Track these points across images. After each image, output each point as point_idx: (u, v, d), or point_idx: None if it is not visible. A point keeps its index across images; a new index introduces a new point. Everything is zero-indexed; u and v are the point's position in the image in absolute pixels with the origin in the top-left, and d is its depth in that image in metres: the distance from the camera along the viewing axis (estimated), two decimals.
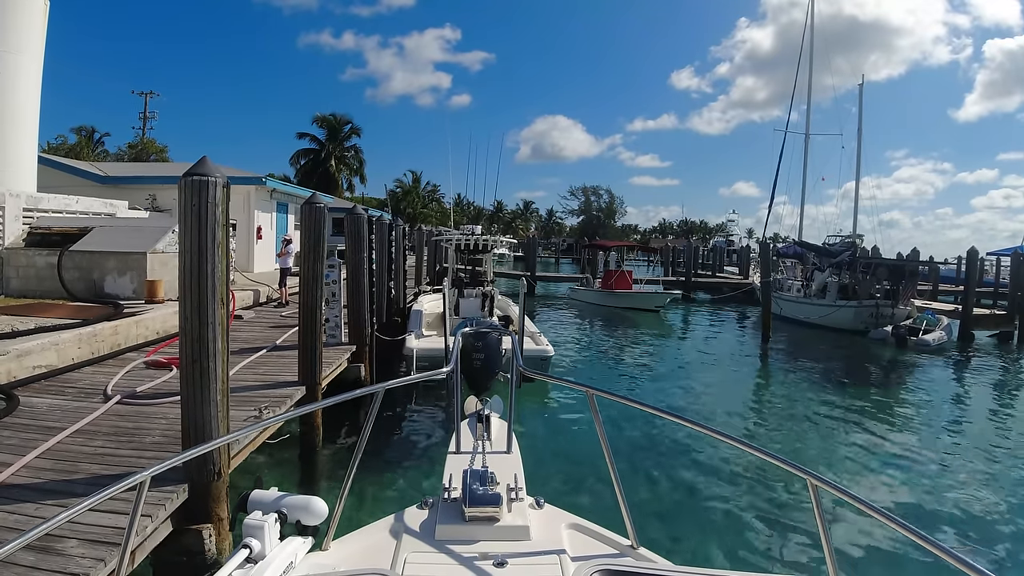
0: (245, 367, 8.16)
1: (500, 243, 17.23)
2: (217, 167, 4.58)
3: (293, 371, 7.72)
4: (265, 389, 7.18)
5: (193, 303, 4.45)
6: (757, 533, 6.44)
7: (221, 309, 4.55)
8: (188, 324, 4.50)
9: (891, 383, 14.99)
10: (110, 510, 3.89)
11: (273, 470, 7.12)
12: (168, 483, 4.31)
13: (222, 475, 4.66)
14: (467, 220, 47.61)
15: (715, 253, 50.53)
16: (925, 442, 9.73)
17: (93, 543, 3.54)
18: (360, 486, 6.87)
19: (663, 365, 16.22)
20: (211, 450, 4.51)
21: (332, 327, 9.91)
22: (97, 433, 5.39)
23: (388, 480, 7.38)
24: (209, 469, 4.53)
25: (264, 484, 3.01)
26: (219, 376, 4.58)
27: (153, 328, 9.58)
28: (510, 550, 2.52)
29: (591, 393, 3.10)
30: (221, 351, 4.58)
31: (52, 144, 39.85)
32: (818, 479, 2.23)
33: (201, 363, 4.49)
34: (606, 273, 28.91)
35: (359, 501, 6.47)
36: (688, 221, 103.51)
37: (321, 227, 7.96)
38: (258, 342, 9.74)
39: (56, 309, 9.65)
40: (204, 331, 4.47)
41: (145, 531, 3.83)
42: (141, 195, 19.38)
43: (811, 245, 27.16)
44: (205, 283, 4.42)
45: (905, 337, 19.04)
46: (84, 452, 4.94)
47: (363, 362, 9.97)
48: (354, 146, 57.86)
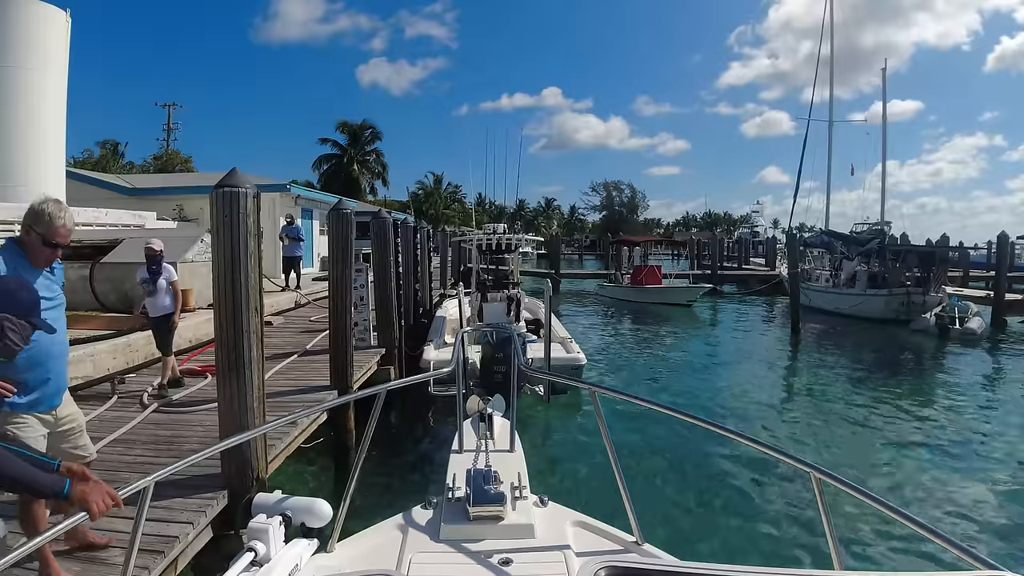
0: (277, 372, 8.25)
1: (525, 242, 16.64)
2: (246, 177, 4.63)
3: (324, 375, 7.79)
4: (298, 394, 7.26)
5: (228, 312, 4.50)
6: (762, 528, 6.40)
7: (255, 317, 4.60)
8: (223, 333, 4.56)
9: (942, 375, 14.49)
10: (153, 518, 3.96)
11: (310, 474, 7.18)
12: (208, 490, 4.37)
13: (261, 480, 4.71)
14: (489, 219, 47.63)
15: (740, 245, 50.09)
16: (991, 444, 9.24)
17: (138, 553, 3.59)
18: (364, 487, 6.91)
19: (699, 361, 16.05)
20: (249, 456, 4.58)
21: (361, 330, 9.97)
22: (136, 442, 5.48)
23: (392, 481, 7.41)
24: (248, 475, 4.58)
25: (305, 489, 3.04)
26: (255, 383, 4.64)
27: (186, 336, 9.70)
28: (515, 548, 2.53)
29: (594, 390, 3.13)
30: (256, 358, 4.63)
31: (78, 158, 40.60)
32: (822, 472, 2.22)
33: (237, 371, 4.55)
34: (635, 269, 28.73)
35: (363, 502, 6.50)
36: (712, 213, 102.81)
37: (349, 233, 8.02)
38: (289, 347, 9.84)
39: (90, 321, 9.81)
40: (239, 339, 4.52)
41: (187, 538, 3.88)
42: (168, 206, 19.64)
43: (838, 234, 26.79)
44: (239, 292, 4.47)
45: (947, 326, 18.32)
46: (123, 461, 5.02)
47: (392, 364, 10.03)
48: (376, 150, 58.32)
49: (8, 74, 12.29)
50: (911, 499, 7.23)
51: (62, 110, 13.72)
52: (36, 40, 12.70)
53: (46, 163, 13.16)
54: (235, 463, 4.56)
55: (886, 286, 21.39)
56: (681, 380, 13.83)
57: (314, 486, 6.94)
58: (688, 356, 16.66)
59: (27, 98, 12.58)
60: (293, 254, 16.45)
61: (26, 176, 12.51)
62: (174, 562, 3.77)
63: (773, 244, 44.92)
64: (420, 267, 15.22)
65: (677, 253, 48.13)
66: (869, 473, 8.02)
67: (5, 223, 10.62)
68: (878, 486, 7.64)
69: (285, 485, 6.11)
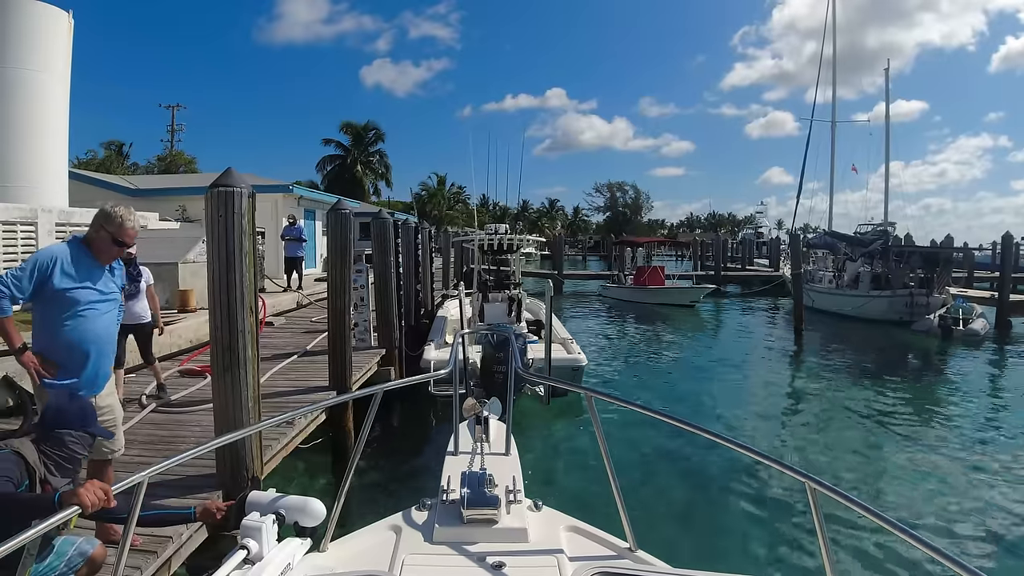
0: (277, 373, 8.25)
1: (527, 242, 16.53)
2: (243, 177, 4.62)
3: (324, 376, 7.78)
4: (297, 394, 7.25)
5: (223, 312, 4.49)
6: (756, 536, 6.37)
7: (250, 317, 4.59)
8: (218, 333, 4.55)
9: (944, 377, 14.41)
10: None
11: (307, 475, 7.18)
12: (203, 490, 4.37)
13: (256, 480, 4.70)
14: (491, 220, 47.61)
15: (744, 246, 50.01)
16: (994, 448, 9.14)
17: (130, 552, 3.58)
18: (358, 487, 6.93)
19: (702, 363, 15.98)
20: (244, 456, 4.58)
21: (361, 331, 9.97)
22: (133, 441, 5.47)
23: (386, 481, 7.42)
24: (242, 475, 4.57)
25: (303, 490, 3.04)
26: (250, 384, 4.62)
27: (186, 337, 9.72)
28: (508, 552, 2.52)
29: (589, 395, 3.11)
30: (251, 359, 4.62)
31: (82, 159, 40.72)
32: (817, 483, 2.21)
33: (232, 371, 4.53)
34: (638, 269, 28.71)
35: (357, 502, 6.48)
36: (716, 214, 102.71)
37: (347, 233, 8.01)
38: (289, 348, 9.83)
39: None
40: (234, 340, 4.51)
41: (181, 538, 3.88)
42: (171, 206, 19.65)
43: (842, 235, 26.69)
44: (233, 292, 4.46)
45: (951, 328, 18.25)
46: (121, 460, 5.00)
47: (393, 365, 10.02)
48: (379, 151, 58.47)
49: (10, 75, 12.31)
50: (915, 505, 7.19)
51: (65, 111, 13.74)
52: (38, 41, 12.71)
53: (49, 164, 13.17)
54: (230, 463, 4.56)
55: (890, 287, 21.30)
56: (684, 382, 13.79)
57: (312, 487, 6.93)
58: (691, 358, 16.62)
59: (30, 99, 12.59)
60: (295, 255, 16.49)
61: (29, 177, 12.53)
62: (167, 562, 3.77)
63: (777, 245, 44.88)
64: (421, 267, 15.19)
65: (680, 254, 48.01)
66: (872, 478, 7.99)
67: (8, 224, 10.64)
68: (881, 490, 7.62)
69: (282, 485, 6.12)
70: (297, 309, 14.68)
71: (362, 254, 10.29)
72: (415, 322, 13.48)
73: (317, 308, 13.68)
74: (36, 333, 3.37)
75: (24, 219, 11.03)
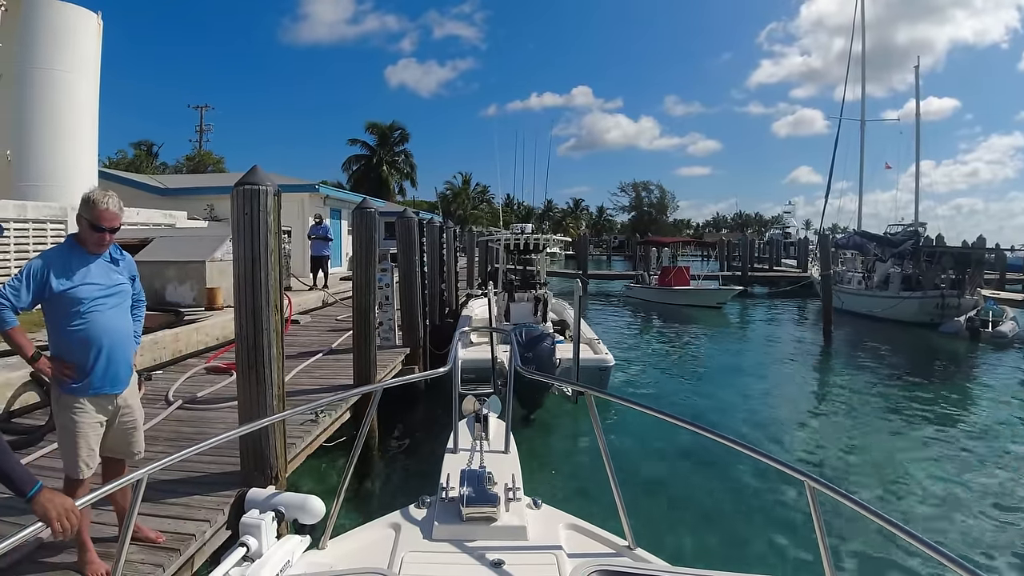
0: (302, 371, 8.28)
1: (553, 242, 16.57)
2: (268, 175, 4.63)
3: (349, 374, 7.80)
4: (321, 392, 7.26)
5: (248, 310, 4.50)
6: (754, 535, 6.29)
7: (275, 316, 4.59)
8: (244, 331, 4.55)
9: (971, 380, 14.05)
10: (171, 515, 3.97)
11: (330, 473, 7.17)
12: (226, 487, 4.37)
13: (279, 479, 4.70)
14: (516, 220, 47.63)
15: (771, 246, 49.45)
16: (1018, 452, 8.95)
17: (152, 549, 3.60)
18: (358, 485, 6.93)
19: (728, 365, 15.72)
20: (268, 453, 4.58)
21: (386, 330, 9.99)
22: (159, 438, 5.51)
23: (386, 479, 7.41)
24: (267, 474, 4.57)
25: (325, 488, 3.03)
26: (275, 381, 4.63)
27: (213, 334, 9.79)
28: (507, 549, 2.53)
29: (589, 394, 3.11)
30: (276, 357, 4.62)
31: (112, 159, 41.40)
32: (816, 481, 2.19)
33: (257, 369, 4.54)
34: (663, 270, 28.33)
35: (356, 500, 6.50)
36: (742, 214, 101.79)
37: (372, 232, 8.02)
38: (315, 346, 9.88)
39: None
40: (259, 338, 4.51)
41: (204, 536, 3.87)
42: (199, 205, 19.91)
43: (871, 235, 26.22)
44: (259, 290, 4.46)
45: (979, 330, 17.89)
46: (146, 456, 5.04)
47: (417, 364, 10.03)
48: (404, 151, 58.79)
49: (41, 76, 12.53)
50: (937, 508, 7.06)
51: (94, 111, 13.96)
52: (68, 42, 12.93)
53: (79, 163, 13.39)
54: (254, 460, 4.57)
55: (920, 288, 20.90)
56: (711, 383, 13.59)
57: (335, 484, 6.93)
58: (717, 360, 16.39)
59: (60, 99, 12.81)
60: (321, 253, 16.61)
61: (59, 176, 12.76)
62: (190, 560, 3.76)
63: (805, 245, 44.25)
64: (445, 267, 15.20)
65: (707, 254, 47.61)
66: (897, 482, 7.83)
67: (39, 222, 10.81)
68: (905, 492, 7.48)
69: (305, 483, 6.16)
70: (323, 307, 14.76)
71: (387, 253, 10.31)
72: (439, 321, 13.49)
73: (342, 307, 13.73)
74: (50, 339, 3.33)
75: (54, 217, 11.21)
